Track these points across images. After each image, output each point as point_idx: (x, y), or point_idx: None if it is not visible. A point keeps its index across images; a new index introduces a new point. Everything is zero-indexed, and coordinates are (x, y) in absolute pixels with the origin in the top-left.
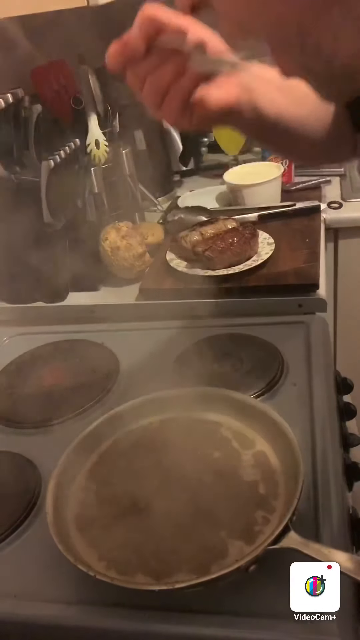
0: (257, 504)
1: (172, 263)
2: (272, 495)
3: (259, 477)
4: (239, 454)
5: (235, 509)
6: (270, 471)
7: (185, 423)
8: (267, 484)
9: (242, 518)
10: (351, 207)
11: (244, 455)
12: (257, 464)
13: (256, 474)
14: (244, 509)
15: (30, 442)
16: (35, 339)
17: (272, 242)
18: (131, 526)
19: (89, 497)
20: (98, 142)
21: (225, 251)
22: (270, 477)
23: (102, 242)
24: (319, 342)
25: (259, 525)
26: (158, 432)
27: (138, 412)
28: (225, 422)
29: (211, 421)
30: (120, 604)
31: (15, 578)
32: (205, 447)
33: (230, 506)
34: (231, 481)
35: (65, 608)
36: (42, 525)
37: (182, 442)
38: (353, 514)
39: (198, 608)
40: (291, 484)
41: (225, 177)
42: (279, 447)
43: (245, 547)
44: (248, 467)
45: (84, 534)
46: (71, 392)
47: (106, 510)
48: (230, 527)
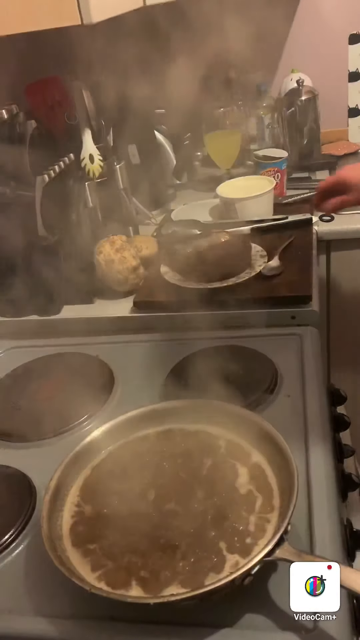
0: (251, 516)
1: (166, 276)
2: (267, 508)
3: (254, 489)
4: (234, 466)
5: (230, 522)
6: (265, 484)
7: (180, 435)
8: (262, 497)
9: (237, 531)
10: (343, 219)
11: (239, 467)
12: (253, 477)
13: (251, 487)
14: (238, 522)
15: (24, 456)
16: (30, 352)
17: (264, 254)
18: (125, 539)
19: (83, 510)
20: (92, 156)
21: (218, 264)
22: (265, 489)
23: (97, 256)
24: (312, 353)
25: (253, 538)
26: (153, 444)
27: (133, 424)
28: (220, 434)
29: (206, 433)
30: (115, 617)
31: (10, 593)
32: (200, 459)
33: (225, 519)
34: (226, 494)
35: (60, 622)
36: (36, 539)
37: (177, 455)
38: (347, 525)
39: (193, 621)
40: (285, 496)
41: (218, 191)
42: (273, 459)
43: (240, 560)
44: (243, 480)
45: (77, 548)
46: (66, 405)
47: (100, 523)
48: (224, 539)
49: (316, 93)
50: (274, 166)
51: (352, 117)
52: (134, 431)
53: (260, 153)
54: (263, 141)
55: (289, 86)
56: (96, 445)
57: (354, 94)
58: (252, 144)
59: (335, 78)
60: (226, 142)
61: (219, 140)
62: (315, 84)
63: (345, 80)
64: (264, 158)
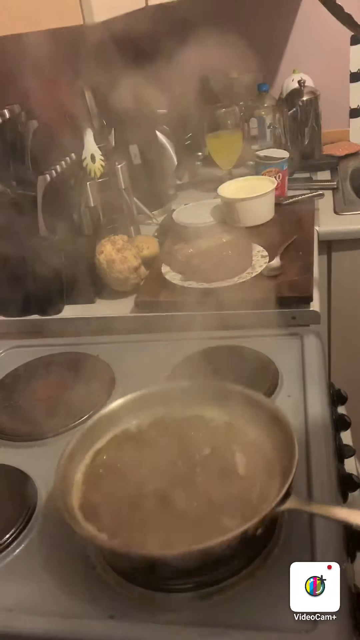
0: (254, 486)
1: (167, 276)
2: (269, 477)
3: (255, 462)
4: (233, 443)
5: (233, 493)
6: (265, 457)
7: (180, 413)
8: (263, 468)
9: (241, 501)
10: (344, 220)
11: (238, 443)
12: (252, 451)
13: (251, 460)
14: (241, 493)
15: (25, 455)
16: (31, 352)
17: (266, 254)
18: (133, 513)
19: (90, 489)
20: (94, 156)
21: (219, 264)
22: (265, 461)
23: (98, 255)
24: (313, 354)
25: (258, 504)
26: (154, 424)
27: (134, 406)
28: (219, 412)
29: (206, 412)
30: (115, 616)
31: (12, 591)
32: (201, 436)
33: (228, 490)
34: (227, 468)
35: (60, 622)
36: (38, 538)
37: (178, 432)
38: (347, 525)
39: (194, 620)
40: (286, 462)
41: (219, 191)
42: (272, 433)
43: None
44: (243, 454)
45: (89, 521)
46: (67, 405)
47: (108, 499)
48: (228, 509)
49: (318, 93)
50: (275, 167)
51: (354, 117)
52: (136, 412)
53: (262, 153)
54: (264, 141)
55: (291, 86)
56: (100, 429)
57: (356, 95)
58: (254, 145)
59: (337, 79)
60: (227, 142)
61: (220, 141)
62: (316, 84)
63: (347, 81)
64: (265, 158)
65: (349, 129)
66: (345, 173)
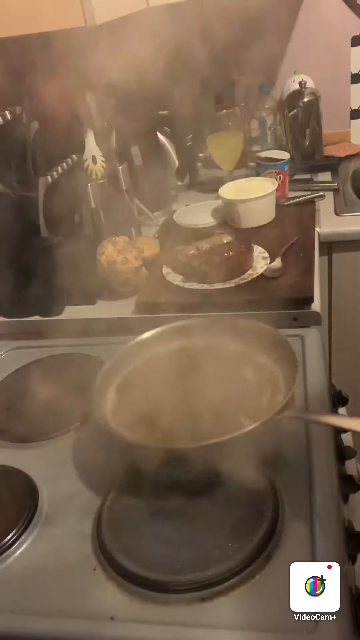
0: (262, 396)
1: (168, 277)
2: (274, 390)
3: (263, 378)
4: (245, 363)
5: (244, 401)
6: (272, 375)
7: (201, 343)
8: (269, 383)
9: (251, 407)
10: (345, 221)
11: (249, 365)
12: (260, 370)
13: (260, 377)
14: (251, 401)
15: (26, 456)
16: (32, 353)
17: (267, 256)
18: (161, 418)
19: (122, 402)
20: (95, 157)
21: (220, 265)
22: (271, 378)
23: (99, 257)
24: (314, 355)
25: (267, 410)
26: (179, 350)
27: (162, 337)
28: (234, 342)
29: (223, 342)
30: (117, 617)
31: (12, 593)
32: (219, 359)
33: (240, 398)
34: (239, 382)
35: (61, 622)
36: (38, 539)
37: (199, 356)
38: (348, 527)
39: (194, 621)
40: (290, 378)
41: (220, 192)
42: (278, 359)
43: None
44: (252, 372)
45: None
46: (67, 406)
47: (139, 409)
48: (241, 410)
49: (318, 95)
50: (276, 168)
51: (355, 118)
52: (161, 343)
53: (263, 154)
54: (265, 143)
55: (292, 88)
56: (128, 356)
57: (357, 96)
58: (255, 146)
59: (338, 80)
60: (228, 143)
61: (222, 142)
62: (317, 85)
63: (348, 82)
64: (266, 159)
65: (349, 130)
66: (346, 174)
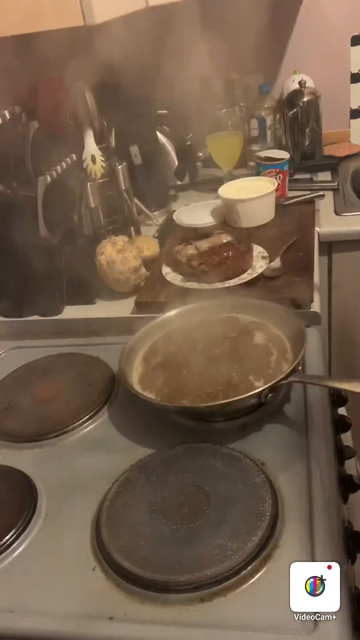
0: (271, 361)
1: (167, 277)
2: (283, 358)
3: (273, 347)
4: (258, 331)
5: (256, 363)
6: (282, 345)
7: (219, 315)
8: (278, 351)
9: (261, 369)
10: (345, 221)
11: (260, 335)
12: (271, 340)
13: (271, 345)
14: (261, 364)
15: (25, 456)
16: (31, 353)
17: (266, 255)
18: (180, 380)
19: (147, 369)
20: (94, 157)
21: (220, 265)
22: (281, 347)
23: (98, 256)
24: (313, 355)
25: (274, 371)
26: (198, 324)
27: (183, 314)
28: (250, 315)
29: (239, 315)
30: (116, 617)
31: (11, 592)
32: (233, 327)
33: (252, 360)
34: (251, 349)
35: (61, 622)
36: (38, 539)
37: (216, 326)
38: (348, 527)
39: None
40: (297, 348)
41: (220, 192)
42: (290, 333)
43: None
44: (264, 341)
45: (146, 390)
46: (67, 406)
47: (161, 373)
48: (252, 371)
49: (318, 94)
50: (276, 167)
51: (354, 118)
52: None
53: (262, 154)
54: (265, 142)
55: (291, 87)
56: (151, 332)
57: (356, 96)
58: (254, 145)
59: (338, 79)
60: (228, 143)
61: (221, 141)
62: (317, 85)
63: (348, 82)
64: (266, 159)
65: (349, 129)
66: (345, 174)
